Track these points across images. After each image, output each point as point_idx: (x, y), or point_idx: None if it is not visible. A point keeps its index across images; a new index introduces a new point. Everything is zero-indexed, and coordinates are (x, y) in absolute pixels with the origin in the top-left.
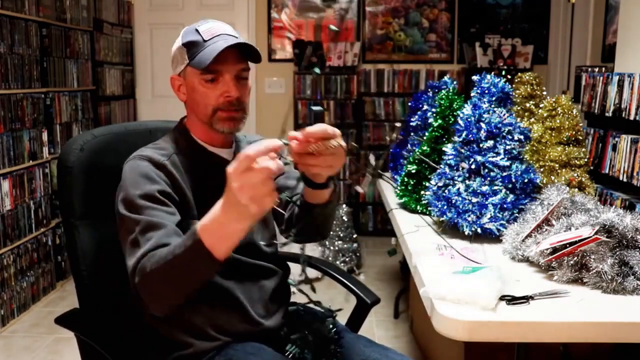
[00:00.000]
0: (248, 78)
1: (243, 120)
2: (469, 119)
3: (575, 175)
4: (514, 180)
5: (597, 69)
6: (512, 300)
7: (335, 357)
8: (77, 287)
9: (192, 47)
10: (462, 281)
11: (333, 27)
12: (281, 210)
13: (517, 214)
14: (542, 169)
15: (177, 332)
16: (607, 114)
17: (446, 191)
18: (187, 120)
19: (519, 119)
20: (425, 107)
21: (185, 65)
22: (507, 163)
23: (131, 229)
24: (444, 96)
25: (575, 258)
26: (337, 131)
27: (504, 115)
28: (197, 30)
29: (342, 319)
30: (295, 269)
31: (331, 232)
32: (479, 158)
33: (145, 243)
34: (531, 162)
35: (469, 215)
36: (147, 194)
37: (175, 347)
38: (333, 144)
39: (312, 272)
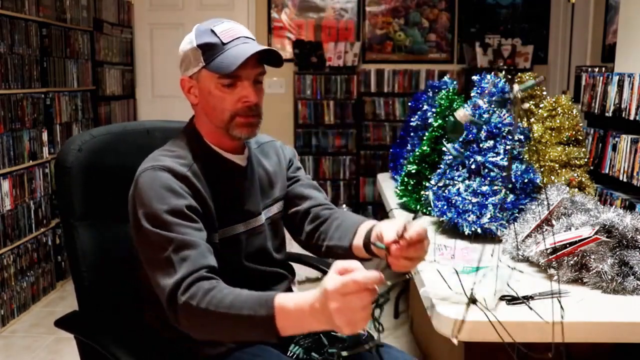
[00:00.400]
0: (263, 82)
1: (259, 125)
2: None
3: (575, 175)
4: (514, 180)
5: (597, 69)
6: (512, 300)
7: (338, 356)
8: (77, 289)
9: (208, 50)
10: (463, 281)
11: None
12: (368, 340)
13: (517, 214)
14: (542, 169)
15: (183, 338)
16: (607, 114)
17: (446, 191)
18: (197, 123)
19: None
20: (425, 107)
21: (201, 67)
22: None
23: (162, 247)
24: (444, 96)
25: (575, 258)
26: (426, 229)
27: (504, 115)
28: (212, 31)
29: None
30: (299, 269)
31: None
32: (479, 158)
33: (180, 263)
34: (531, 162)
35: (469, 215)
36: (174, 210)
37: (181, 352)
38: (425, 256)
39: (312, 272)
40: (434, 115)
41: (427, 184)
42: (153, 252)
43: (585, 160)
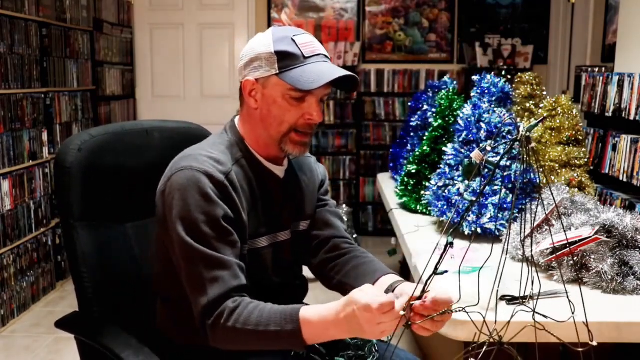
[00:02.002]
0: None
1: (310, 145)
2: (469, 119)
3: (575, 175)
4: (514, 180)
5: (597, 69)
6: (512, 300)
7: (341, 354)
8: (77, 289)
9: (286, 58)
10: (462, 281)
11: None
12: None
13: (517, 214)
14: (542, 169)
15: (195, 337)
16: (607, 114)
17: (446, 191)
18: (243, 126)
19: (519, 119)
20: (425, 107)
21: (273, 74)
22: (507, 163)
23: (196, 262)
24: (444, 96)
25: (575, 258)
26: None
27: (504, 115)
28: (293, 41)
29: None
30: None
31: None
32: (473, 155)
33: (212, 283)
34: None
35: (469, 215)
36: (211, 220)
37: (189, 353)
38: (451, 312)
39: (308, 273)
40: (434, 115)
41: (427, 184)
42: (186, 265)
43: (585, 160)
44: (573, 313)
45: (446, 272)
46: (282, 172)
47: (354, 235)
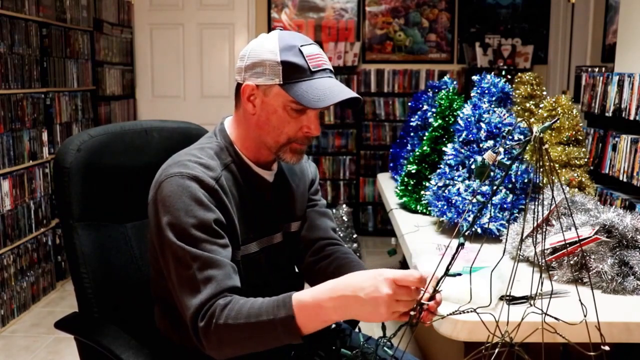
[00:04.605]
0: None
1: (305, 152)
2: (469, 119)
3: (575, 175)
4: (514, 180)
5: (597, 69)
6: (512, 300)
7: (340, 353)
8: (77, 290)
9: (292, 70)
10: (462, 281)
11: None
12: None
13: (517, 214)
14: (542, 169)
15: (191, 339)
16: (607, 114)
17: (446, 191)
18: (235, 130)
19: (518, 119)
20: (425, 107)
21: (276, 84)
22: (507, 163)
23: (187, 264)
24: (444, 96)
25: (575, 258)
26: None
27: (504, 115)
28: (300, 52)
29: None
30: None
31: None
32: (479, 158)
33: (205, 283)
34: (531, 162)
35: (469, 215)
36: (202, 224)
37: (188, 354)
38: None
39: None
40: (434, 115)
41: (427, 184)
42: (177, 267)
43: (585, 160)
44: (585, 315)
45: (459, 274)
46: (271, 176)
47: (354, 235)
